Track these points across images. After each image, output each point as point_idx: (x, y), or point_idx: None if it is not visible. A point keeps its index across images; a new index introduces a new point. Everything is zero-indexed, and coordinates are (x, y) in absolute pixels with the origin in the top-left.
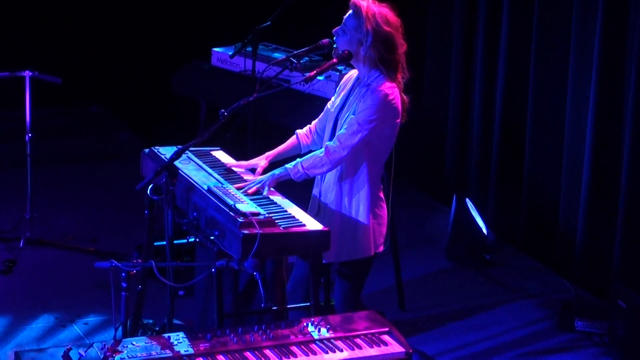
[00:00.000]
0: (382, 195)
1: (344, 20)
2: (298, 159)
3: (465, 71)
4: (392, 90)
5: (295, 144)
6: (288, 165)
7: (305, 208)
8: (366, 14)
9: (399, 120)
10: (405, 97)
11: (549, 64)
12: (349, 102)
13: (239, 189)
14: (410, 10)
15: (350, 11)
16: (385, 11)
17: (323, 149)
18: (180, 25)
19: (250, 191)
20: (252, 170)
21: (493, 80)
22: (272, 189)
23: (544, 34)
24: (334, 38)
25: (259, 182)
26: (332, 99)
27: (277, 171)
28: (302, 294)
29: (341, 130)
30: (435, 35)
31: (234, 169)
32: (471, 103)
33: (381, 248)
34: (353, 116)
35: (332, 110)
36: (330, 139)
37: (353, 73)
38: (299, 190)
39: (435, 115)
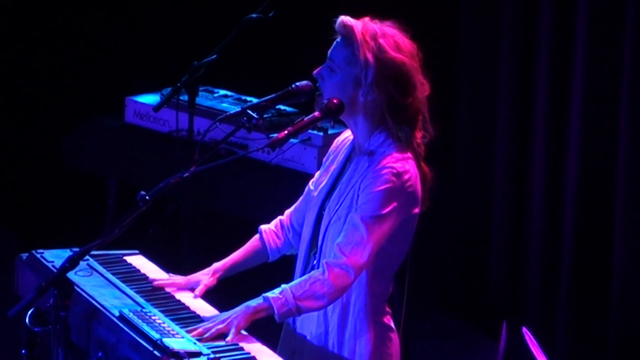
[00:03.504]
0: (390, 323)
1: (329, 55)
2: (283, 285)
3: (520, 128)
4: (406, 166)
5: (258, 249)
6: (270, 294)
7: (273, 344)
8: (362, 37)
9: (417, 211)
10: (426, 169)
11: None
12: (342, 181)
13: (189, 332)
14: (433, 32)
15: (337, 38)
16: (392, 31)
17: (323, 269)
18: (77, 60)
19: (207, 336)
20: (192, 290)
21: (562, 140)
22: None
23: None
24: (318, 84)
25: (223, 321)
26: (316, 175)
27: (252, 302)
28: None
29: (341, 238)
30: (472, 73)
31: (161, 285)
32: (529, 177)
33: None
34: (354, 214)
35: (316, 193)
36: (311, 238)
37: (348, 135)
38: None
39: (474, 196)
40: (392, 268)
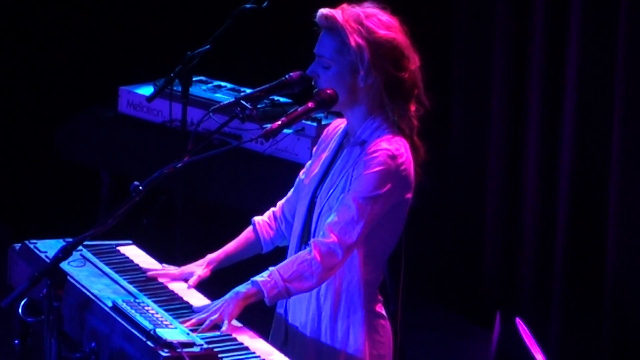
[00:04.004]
0: (383, 311)
1: (317, 53)
2: (271, 268)
3: (513, 121)
4: (401, 149)
5: (252, 241)
6: (258, 278)
7: (265, 334)
8: (346, 23)
9: (409, 196)
10: (419, 142)
11: None
12: (333, 169)
13: (182, 323)
14: (428, 25)
15: (321, 32)
16: (372, 10)
17: (310, 249)
18: (70, 51)
19: (203, 328)
20: (185, 281)
21: (556, 132)
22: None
23: (637, 61)
24: (313, 82)
25: (215, 311)
26: (307, 165)
27: (241, 288)
28: None
29: (331, 217)
30: (465, 67)
31: (155, 276)
32: (522, 170)
33: None
34: (347, 194)
35: (307, 181)
36: (303, 227)
37: (340, 123)
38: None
39: (468, 189)
40: (383, 254)
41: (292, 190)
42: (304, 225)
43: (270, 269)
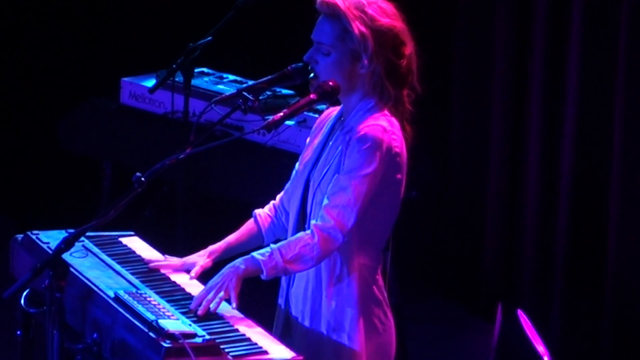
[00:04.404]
0: (384, 297)
1: (316, 39)
2: (273, 245)
3: (515, 113)
4: (393, 128)
5: (254, 232)
6: (258, 255)
7: (269, 324)
8: (349, 10)
9: (400, 177)
10: (408, 128)
11: None
12: (326, 151)
13: (188, 312)
14: (429, 23)
15: (320, 17)
16: None
17: (312, 233)
18: (72, 42)
19: (213, 307)
20: (187, 272)
21: (557, 124)
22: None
23: (639, 60)
24: (310, 67)
25: (219, 287)
26: (301, 156)
27: (240, 264)
28: None
29: (329, 200)
30: (467, 55)
31: (157, 267)
32: (524, 160)
33: None
34: (341, 175)
35: (302, 168)
36: (298, 213)
37: (331, 111)
38: (256, 285)
39: (469, 179)
40: (379, 237)
41: (290, 182)
42: (299, 208)
43: (272, 246)
